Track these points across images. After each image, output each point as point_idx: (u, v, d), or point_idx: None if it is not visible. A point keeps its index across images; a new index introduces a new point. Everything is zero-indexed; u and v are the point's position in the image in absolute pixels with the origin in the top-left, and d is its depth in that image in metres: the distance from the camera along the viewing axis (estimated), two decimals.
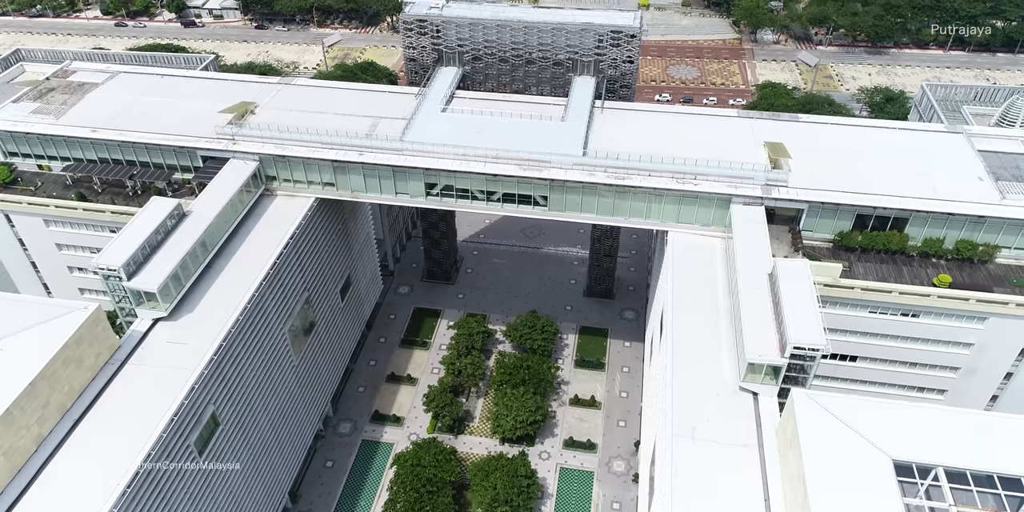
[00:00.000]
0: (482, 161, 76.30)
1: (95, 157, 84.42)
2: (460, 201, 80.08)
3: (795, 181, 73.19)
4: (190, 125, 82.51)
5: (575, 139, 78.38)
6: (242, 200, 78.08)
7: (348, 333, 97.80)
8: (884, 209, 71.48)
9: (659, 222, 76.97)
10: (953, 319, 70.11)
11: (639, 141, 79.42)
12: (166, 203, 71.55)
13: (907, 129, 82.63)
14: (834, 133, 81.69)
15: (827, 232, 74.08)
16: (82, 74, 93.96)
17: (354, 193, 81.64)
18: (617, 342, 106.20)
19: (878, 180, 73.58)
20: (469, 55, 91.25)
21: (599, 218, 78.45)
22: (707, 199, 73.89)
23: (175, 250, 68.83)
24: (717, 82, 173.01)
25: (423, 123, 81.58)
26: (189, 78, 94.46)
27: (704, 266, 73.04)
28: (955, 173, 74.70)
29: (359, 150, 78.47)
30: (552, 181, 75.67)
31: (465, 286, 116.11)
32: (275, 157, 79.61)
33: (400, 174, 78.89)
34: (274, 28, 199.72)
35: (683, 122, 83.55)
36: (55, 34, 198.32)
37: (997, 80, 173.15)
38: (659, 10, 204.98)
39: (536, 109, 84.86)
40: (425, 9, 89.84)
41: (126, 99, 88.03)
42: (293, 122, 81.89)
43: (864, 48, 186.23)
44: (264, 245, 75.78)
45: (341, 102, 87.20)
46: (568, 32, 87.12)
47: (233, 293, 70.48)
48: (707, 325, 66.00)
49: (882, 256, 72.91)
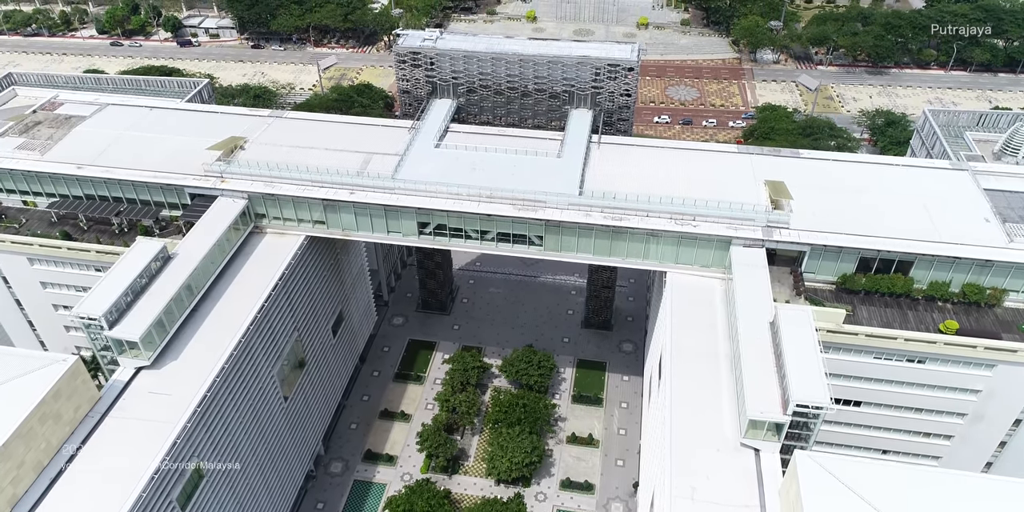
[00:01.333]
0: (476, 201, 74.47)
1: (81, 193, 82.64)
2: (453, 240, 78.23)
3: (797, 222, 71.32)
4: (178, 161, 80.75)
5: (571, 177, 76.54)
6: (230, 239, 76.20)
7: (340, 369, 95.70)
8: (888, 252, 69.58)
9: (657, 263, 75.08)
10: (960, 366, 68.06)
11: (636, 178, 77.74)
12: (151, 245, 69.62)
13: (911, 166, 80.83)
14: (836, 170, 79.84)
15: (830, 274, 72.16)
16: (69, 106, 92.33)
17: (345, 231, 79.78)
18: (615, 376, 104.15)
19: (882, 221, 71.70)
20: (464, 87, 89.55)
21: (596, 259, 76.54)
22: (706, 241, 72.01)
23: (159, 296, 66.88)
24: (716, 103, 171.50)
25: (416, 160, 79.77)
26: (178, 111, 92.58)
27: (703, 309, 71.05)
28: (961, 214, 72.81)
29: (350, 189, 76.65)
30: (547, 221, 73.82)
31: (461, 316, 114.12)
32: (264, 195, 77.80)
33: (392, 213, 77.08)
34: (270, 47, 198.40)
35: (681, 158, 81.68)
36: (50, 53, 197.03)
37: (999, 101, 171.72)
38: (658, 29, 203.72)
39: (532, 144, 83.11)
40: (419, 41, 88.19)
41: (113, 133, 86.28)
42: (283, 158, 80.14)
43: (865, 68, 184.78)
44: (252, 287, 73.81)
45: (333, 137, 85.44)
46: (564, 65, 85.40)
47: (219, 338, 68.52)
48: (707, 374, 63.95)
49: (887, 299, 70.96)
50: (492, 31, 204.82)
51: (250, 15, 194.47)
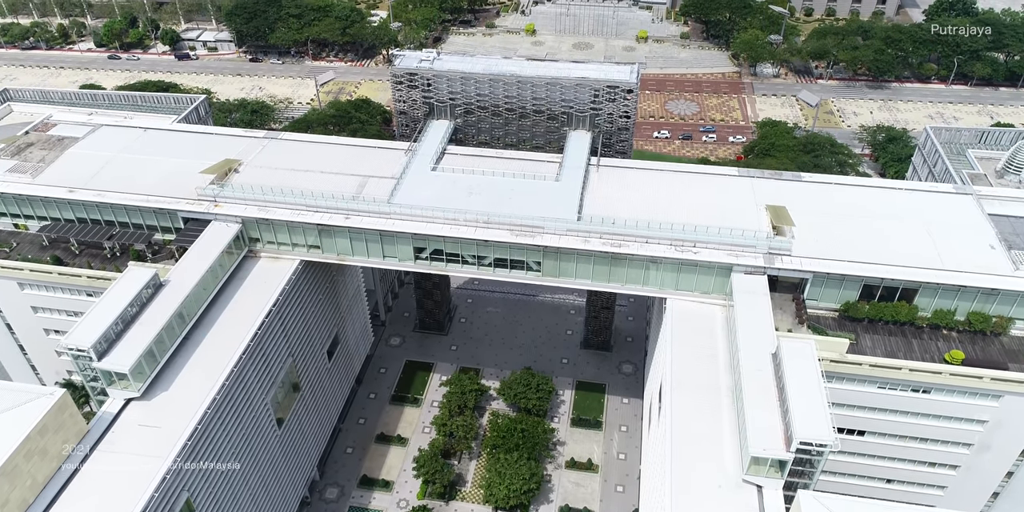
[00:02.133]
0: (472, 226, 73.34)
1: (73, 217, 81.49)
2: (450, 265, 77.09)
3: (799, 249, 70.17)
4: (171, 185, 79.67)
5: (569, 202, 75.42)
6: (223, 265, 74.98)
7: (336, 393, 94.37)
8: (892, 280, 68.38)
9: (657, 289, 73.86)
10: (966, 396, 66.79)
11: (636, 202, 76.74)
12: (142, 273, 68.39)
13: (914, 189, 79.73)
14: (838, 194, 78.73)
15: (833, 301, 70.96)
16: (62, 127, 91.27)
17: (340, 256, 78.62)
18: (615, 398, 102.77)
19: (885, 248, 70.57)
20: (461, 108, 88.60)
21: (594, 284, 75.36)
22: (707, 267, 70.82)
23: (150, 325, 65.63)
24: (716, 118, 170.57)
25: (412, 184, 78.68)
26: (172, 132, 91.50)
27: (704, 337, 69.83)
28: (966, 240, 71.66)
29: (345, 213, 75.50)
30: (545, 248, 72.66)
31: (458, 337, 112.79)
32: (258, 220, 76.66)
33: (388, 238, 75.95)
34: (268, 61, 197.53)
35: (681, 181, 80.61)
36: (47, 67, 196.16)
37: (1000, 116, 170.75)
38: (657, 42, 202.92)
39: (530, 167, 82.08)
40: (416, 62, 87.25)
41: (106, 155, 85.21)
42: (278, 182, 79.04)
43: (865, 82, 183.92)
44: (245, 314, 72.60)
45: (328, 159, 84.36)
46: (563, 87, 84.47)
47: (211, 367, 67.32)
48: (708, 407, 62.68)
49: (891, 327, 69.75)
50: (491, 44, 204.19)
51: (248, 29, 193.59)
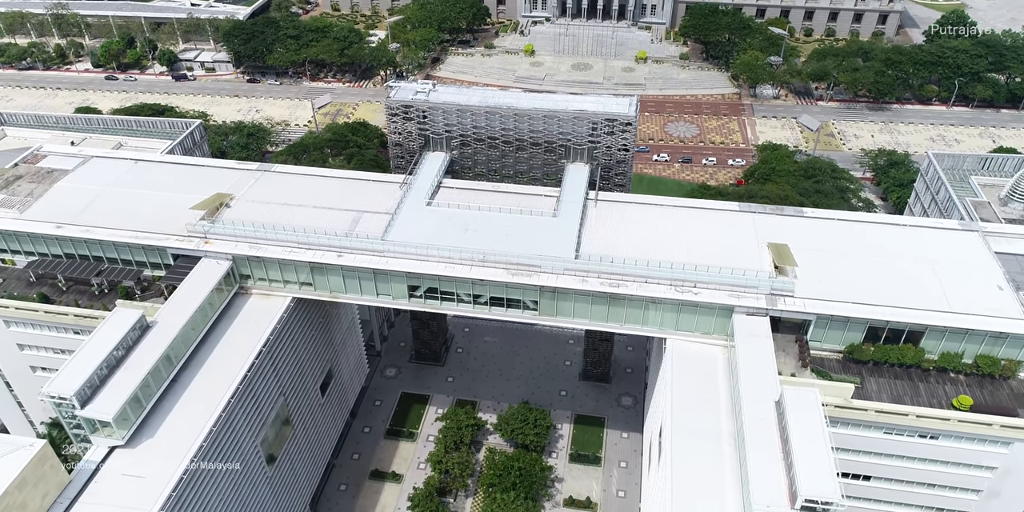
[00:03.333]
0: (468, 265, 71.73)
1: (60, 252, 79.96)
2: (445, 303, 75.36)
3: (801, 290, 68.52)
4: (161, 220, 78.12)
5: (567, 239, 73.84)
6: (213, 303, 73.27)
7: (330, 428, 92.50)
8: (897, 323, 66.70)
9: (657, 329, 72.14)
10: (975, 442, 64.90)
11: (634, 239, 75.26)
12: (128, 315, 66.63)
13: (918, 226, 78.10)
14: (841, 231, 77.14)
15: (837, 343, 69.23)
16: (52, 159, 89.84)
17: (333, 294, 76.94)
18: (614, 433, 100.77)
19: (890, 289, 68.94)
20: (457, 141, 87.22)
21: (593, 324, 73.65)
22: (708, 308, 69.16)
23: (136, 369, 63.85)
24: (716, 140, 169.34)
25: (407, 220, 77.12)
26: (163, 164, 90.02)
27: (705, 380, 68.06)
28: (972, 280, 70.02)
29: (338, 251, 73.89)
30: (542, 287, 71.01)
31: (455, 367, 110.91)
32: (249, 257, 75.04)
33: (381, 276, 74.27)
34: (266, 82, 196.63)
35: (681, 217, 79.05)
36: (44, 88, 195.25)
37: (1002, 138, 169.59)
38: (657, 63, 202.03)
39: (527, 201, 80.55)
40: (411, 94, 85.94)
41: (95, 189, 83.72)
42: (270, 217, 77.58)
43: (866, 103, 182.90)
44: (235, 354, 70.86)
45: (322, 193, 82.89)
46: (560, 120, 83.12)
47: (199, 412, 65.54)
48: (709, 455, 60.87)
49: (896, 370, 68.00)
50: (490, 65, 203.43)
51: (246, 49, 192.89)
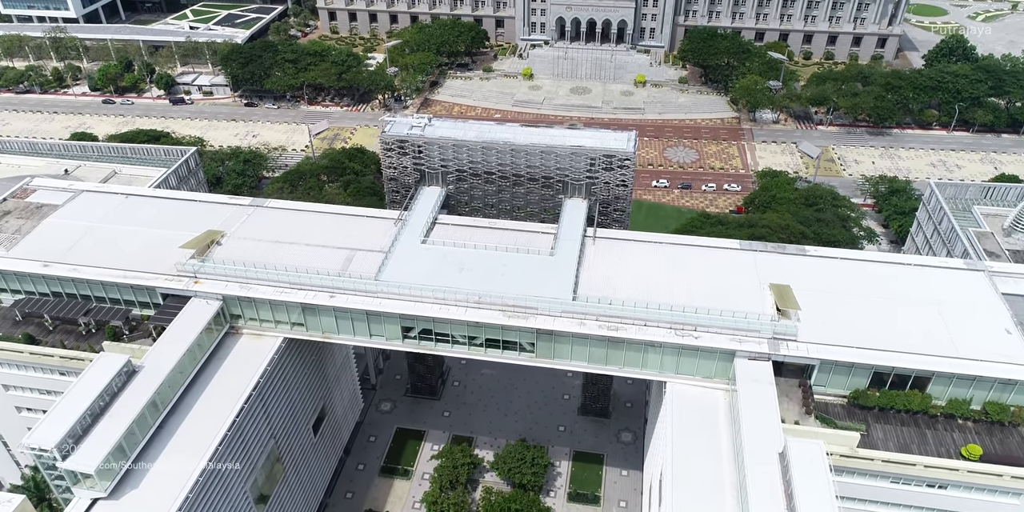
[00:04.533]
0: (463, 306, 70.15)
1: (48, 291, 78.35)
2: (440, 345, 73.73)
3: (805, 333, 66.88)
4: (150, 258, 76.54)
5: (565, 279, 72.31)
6: (202, 345, 71.56)
7: (323, 467, 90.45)
8: (903, 368, 65.02)
9: (657, 372, 70.44)
10: (985, 493, 63.00)
11: (633, 279, 73.77)
12: (113, 361, 64.94)
13: (922, 265, 76.60)
14: (844, 271, 75.53)
15: (841, 388, 67.50)
16: (41, 194, 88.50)
17: (325, 334, 75.31)
18: (614, 470, 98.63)
19: (895, 332, 67.32)
20: (453, 176, 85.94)
21: (591, 367, 71.99)
22: (709, 352, 67.50)
23: (120, 417, 62.02)
24: (716, 166, 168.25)
25: (401, 258, 75.64)
26: (154, 199, 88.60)
27: (706, 425, 66.24)
28: (980, 323, 68.42)
29: (330, 292, 72.34)
30: (539, 330, 69.39)
31: (451, 402, 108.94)
32: (240, 298, 73.45)
33: (375, 317, 72.68)
34: (264, 106, 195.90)
35: (680, 256, 77.51)
36: (41, 112, 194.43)
37: (1003, 163, 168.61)
38: (656, 87, 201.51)
39: (524, 239, 79.09)
40: (406, 129, 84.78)
41: (85, 225, 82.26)
42: (262, 255, 76.10)
43: (866, 128, 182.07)
44: (224, 398, 69.04)
45: (315, 229, 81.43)
46: (558, 155, 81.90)
47: (186, 460, 63.58)
48: (710, 507, 58.94)
49: (903, 417, 66.21)
50: (488, 88, 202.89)
51: (244, 73, 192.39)
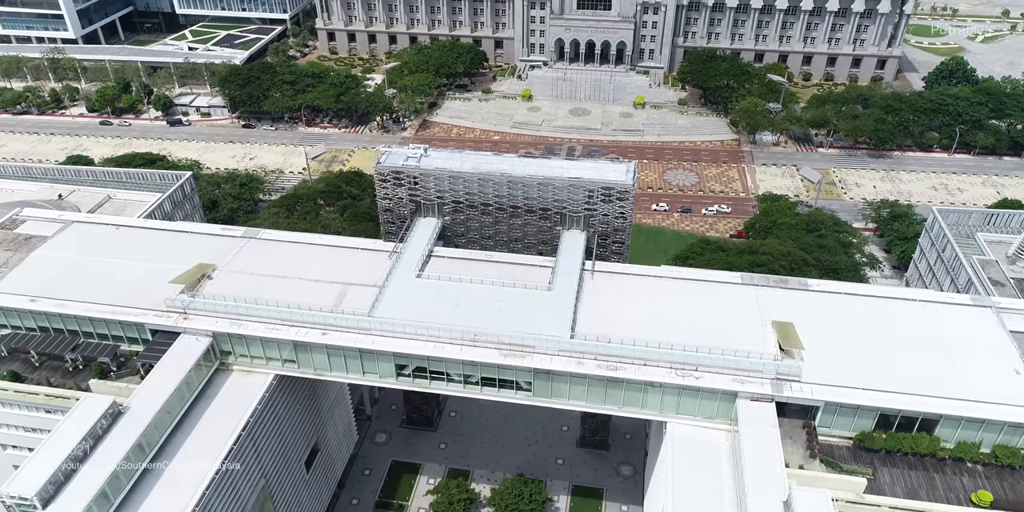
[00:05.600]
0: (458, 344, 68.54)
1: (35, 326, 76.72)
2: (435, 383, 72.05)
3: (809, 373, 65.17)
4: (139, 294, 74.95)
5: (562, 316, 70.73)
6: (191, 383, 69.83)
7: (315, 504, 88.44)
8: (910, 411, 63.29)
9: (657, 412, 68.63)
10: None
11: (632, 315, 72.31)
12: (98, 403, 63.27)
13: (928, 301, 75.00)
14: (848, 306, 73.97)
15: (846, 430, 65.73)
16: (31, 225, 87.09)
17: (317, 372, 73.61)
18: (613, 505, 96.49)
19: (901, 373, 65.66)
20: (449, 207, 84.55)
21: (589, 406, 70.31)
22: (710, 393, 65.79)
23: (105, 462, 60.22)
24: (716, 189, 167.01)
25: (395, 294, 74.10)
26: (145, 230, 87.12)
27: (708, 467, 64.43)
28: (988, 363, 66.79)
29: (323, 329, 70.73)
30: (536, 370, 67.72)
31: (448, 433, 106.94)
32: (230, 334, 71.81)
33: (368, 355, 71.02)
34: (262, 127, 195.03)
35: (680, 290, 76.01)
36: (37, 133, 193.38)
37: (1005, 187, 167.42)
38: (655, 108, 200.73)
39: (521, 273, 77.61)
40: (402, 160, 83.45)
41: (73, 258, 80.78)
42: (253, 290, 74.54)
43: (867, 151, 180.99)
44: (212, 439, 67.20)
45: (308, 263, 79.92)
46: (556, 187, 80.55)
47: (172, 504, 61.72)
48: None
49: (910, 460, 64.38)
50: (487, 110, 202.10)
51: (242, 95, 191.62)
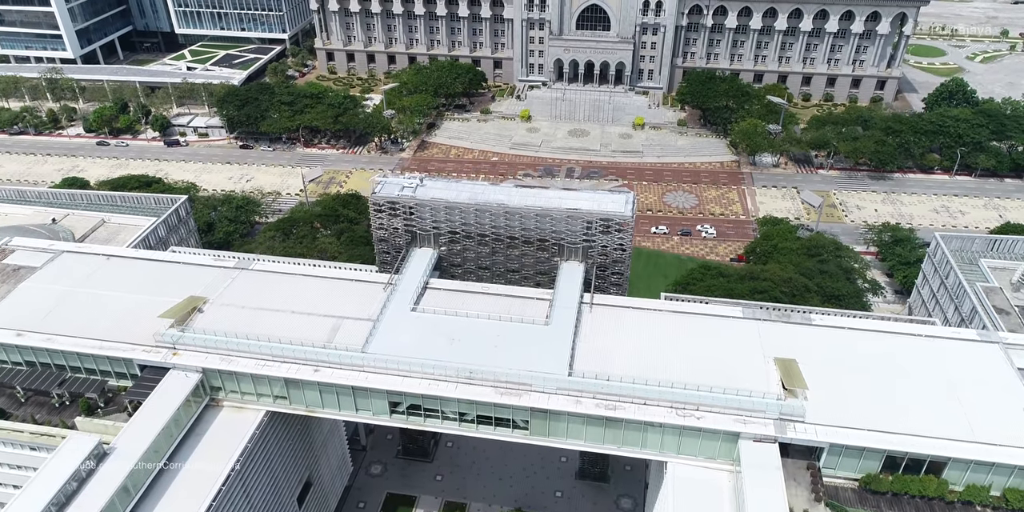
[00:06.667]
0: (454, 382, 66.93)
1: (21, 360, 75.09)
2: (429, 420, 70.31)
3: (813, 414, 63.52)
4: (128, 327, 73.42)
5: (560, 353, 69.17)
6: (179, 422, 68.11)
7: None
8: (917, 454, 61.57)
9: (657, 452, 66.89)
10: None
11: (632, 352, 70.80)
12: (83, 444, 61.61)
13: (935, 337, 73.39)
14: (852, 342, 72.37)
15: (852, 471, 63.99)
16: (20, 255, 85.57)
17: (309, 408, 71.86)
18: None
19: (908, 412, 64.08)
20: (446, 237, 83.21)
21: (588, 445, 68.46)
22: (711, 433, 64.07)
23: (89, 506, 58.59)
24: (716, 212, 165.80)
25: (389, 328, 72.55)
26: (135, 260, 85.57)
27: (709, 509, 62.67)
28: (996, 402, 65.14)
29: (315, 365, 69.12)
30: (533, 409, 66.04)
31: (445, 464, 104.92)
32: (220, 371, 70.17)
33: (361, 392, 69.35)
34: (259, 148, 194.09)
35: (681, 325, 74.47)
36: (34, 154, 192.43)
37: (1007, 209, 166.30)
38: (654, 130, 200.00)
39: (518, 306, 76.16)
40: (397, 190, 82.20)
41: (62, 290, 79.29)
42: (245, 323, 73.14)
43: (867, 172, 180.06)
44: (201, 478, 65.37)
45: (302, 294, 78.37)
46: (553, 218, 79.25)
47: None
48: None
49: (918, 503, 62.58)
50: (486, 131, 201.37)
51: (240, 116, 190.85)
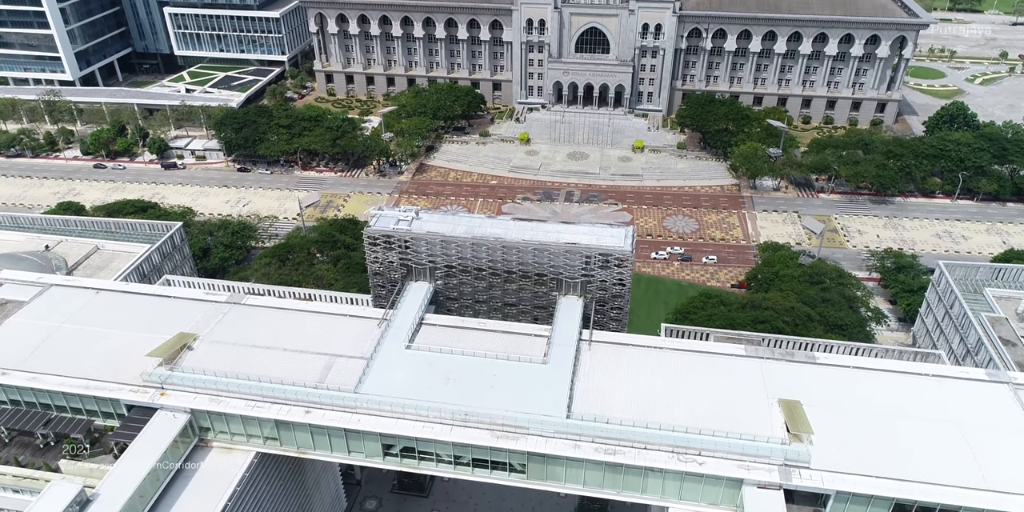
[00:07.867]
0: (448, 425, 65.06)
1: (6, 399, 73.17)
2: (423, 463, 68.29)
3: (819, 459, 61.62)
4: (116, 366, 71.57)
5: (558, 394, 67.38)
6: (166, 465, 66.18)
7: None
8: (927, 502, 59.60)
9: (658, 498, 64.83)
10: None
11: (632, 391, 69.04)
12: (65, 491, 59.69)
13: (942, 376, 71.57)
14: (858, 382, 70.54)
15: None
16: (8, 288, 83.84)
17: (300, 450, 69.92)
18: None
19: (917, 458, 62.13)
20: (442, 271, 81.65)
21: (586, 490, 66.36)
22: (714, 479, 62.16)
23: None
24: (716, 237, 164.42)
25: (383, 367, 70.83)
26: (126, 294, 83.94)
27: None
28: (1008, 447, 63.27)
29: (306, 407, 67.28)
30: (530, 453, 64.18)
31: (441, 499, 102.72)
32: (209, 412, 68.34)
33: (353, 434, 67.48)
34: (257, 171, 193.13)
35: (682, 363, 72.68)
36: (30, 177, 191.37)
37: (1009, 234, 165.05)
38: (654, 152, 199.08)
39: (515, 343, 74.50)
40: (392, 223, 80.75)
41: (50, 326, 77.45)
42: (235, 362, 71.43)
43: (868, 196, 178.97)
44: None
45: (294, 331, 76.72)
46: (551, 253, 77.74)
47: None
48: None
49: None
50: (485, 153, 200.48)
51: (238, 138, 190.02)
